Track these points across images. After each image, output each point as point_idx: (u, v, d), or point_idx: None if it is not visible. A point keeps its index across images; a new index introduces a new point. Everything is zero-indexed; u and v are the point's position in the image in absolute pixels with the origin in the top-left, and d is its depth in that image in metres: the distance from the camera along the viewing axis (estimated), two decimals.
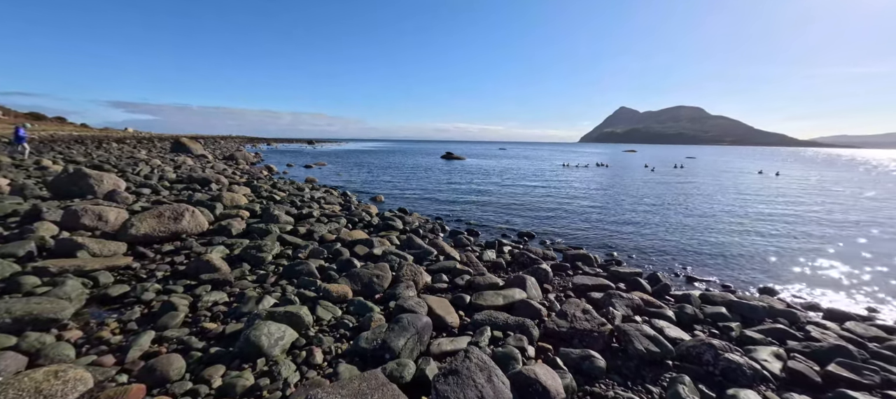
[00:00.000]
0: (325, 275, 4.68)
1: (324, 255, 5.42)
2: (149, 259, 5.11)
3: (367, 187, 15.78)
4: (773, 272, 6.17)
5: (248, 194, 10.49)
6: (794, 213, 11.35)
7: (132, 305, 3.70)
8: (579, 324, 3.55)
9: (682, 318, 4.06)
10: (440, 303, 3.94)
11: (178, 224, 6.00)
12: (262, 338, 2.83)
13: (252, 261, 5.07)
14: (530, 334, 3.44)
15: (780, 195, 15.59)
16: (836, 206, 13.00)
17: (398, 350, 2.87)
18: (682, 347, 3.30)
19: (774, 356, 3.31)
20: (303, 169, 23.23)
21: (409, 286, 4.29)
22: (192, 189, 10.95)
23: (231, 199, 8.85)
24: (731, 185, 19.03)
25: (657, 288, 5.00)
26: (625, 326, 3.47)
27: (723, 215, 10.86)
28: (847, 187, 19.11)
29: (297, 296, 3.92)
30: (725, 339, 3.72)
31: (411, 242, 6.16)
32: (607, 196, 14.58)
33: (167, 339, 3.08)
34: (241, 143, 62.70)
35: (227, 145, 49.20)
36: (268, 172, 18.76)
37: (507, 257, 6.15)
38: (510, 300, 4.13)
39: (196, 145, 28.66)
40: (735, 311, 4.26)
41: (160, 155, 22.92)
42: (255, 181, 13.67)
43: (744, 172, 28.33)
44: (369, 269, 4.58)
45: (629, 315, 4.04)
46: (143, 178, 12.24)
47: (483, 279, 4.67)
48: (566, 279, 5.30)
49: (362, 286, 4.26)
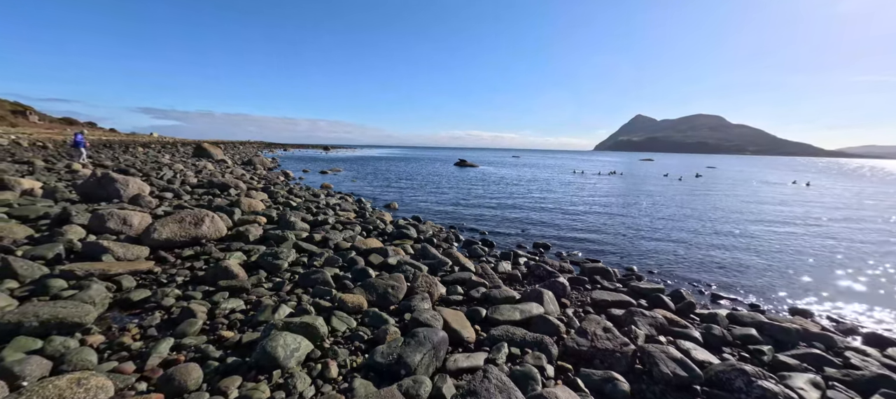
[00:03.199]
0: (340, 284, 4.68)
1: (339, 264, 5.42)
2: (170, 264, 5.22)
3: (382, 194, 15.87)
4: (806, 292, 5.86)
5: (265, 200, 10.66)
6: (825, 228, 10.84)
7: (152, 311, 3.76)
8: (600, 343, 3.42)
9: (709, 340, 3.88)
10: (456, 316, 3.86)
11: (198, 229, 6.12)
12: (278, 349, 2.81)
13: (268, 268, 5.11)
14: (549, 353, 3.33)
15: (809, 208, 14.93)
16: (870, 221, 12.36)
17: (414, 366, 2.81)
18: (710, 372, 3.13)
19: (812, 385, 3.11)
20: (318, 175, 23.57)
21: (424, 298, 4.23)
22: (212, 194, 11.21)
23: (249, 204, 9.01)
24: (754, 196, 18.36)
25: (681, 306, 4.80)
26: (649, 347, 3.33)
27: (748, 228, 10.45)
28: (882, 200, 18.19)
29: (312, 305, 3.92)
30: (757, 363, 3.53)
31: (426, 252, 6.12)
32: (624, 206, 14.26)
33: (185, 347, 3.10)
34: (258, 148, 64.30)
35: (245, 150, 50.50)
36: (284, 178, 19.09)
37: (523, 269, 6.03)
38: (527, 315, 4.03)
39: (216, 150, 29.48)
40: (766, 334, 4.04)
41: (183, 159, 23.64)
42: (272, 187, 13.91)
43: (768, 183, 27.34)
44: (384, 279, 4.55)
45: (653, 335, 3.88)
46: (166, 183, 12.63)
47: (499, 292, 4.57)
48: (584, 294, 5.16)
49: (377, 297, 4.23)
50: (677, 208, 14.11)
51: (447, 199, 14.82)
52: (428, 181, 22.24)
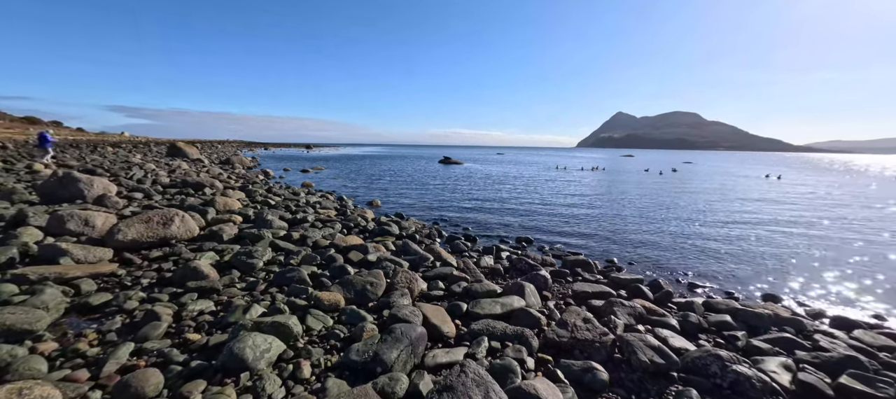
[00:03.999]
0: (317, 282, 4.53)
1: (317, 262, 5.26)
2: (135, 265, 4.95)
3: (364, 192, 15.63)
4: (776, 278, 6.06)
5: (243, 199, 10.33)
6: (794, 218, 11.28)
7: (113, 315, 3.54)
8: (580, 334, 3.41)
9: (685, 327, 3.93)
10: (436, 311, 3.79)
11: (167, 229, 5.84)
12: (247, 350, 2.68)
13: (242, 267, 4.91)
14: (529, 345, 3.30)
15: (780, 200, 15.54)
16: (836, 211, 12.95)
17: (390, 363, 2.72)
18: (687, 358, 3.16)
19: (783, 367, 3.18)
20: (299, 173, 23.05)
21: (403, 294, 4.14)
22: (186, 194, 10.78)
23: (224, 203, 8.69)
24: (729, 189, 18.99)
25: (659, 295, 4.87)
26: (628, 336, 3.34)
27: (722, 220, 10.77)
28: (847, 192, 19.11)
29: (286, 304, 3.77)
30: (732, 349, 3.59)
31: (407, 248, 6.02)
32: (605, 201, 14.49)
33: (147, 351, 2.92)
34: (238, 148, 62.50)
35: (224, 150, 48.98)
36: (264, 177, 18.58)
37: (505, 263, 6.01)
38: (508, 308, 3.99)
39: (192, 149, 28.45)
40: (740, 320, 4.13)
41: (155, 159, 22.71)
42: (250, 186, 13.50)
43: (741, 176, 28.38)
44: (363, 276, 4.44)
45: (631, 324, 3.91)
46: (135, 183, 12.07)
47: (480, 286, 4.53)
48: (566, 286, 5.17)
49: (355, 294, 4.11)
50: (657, 202, 14.44)
51: (431, 196, 14.73)
52: (412, 179, 22.07)
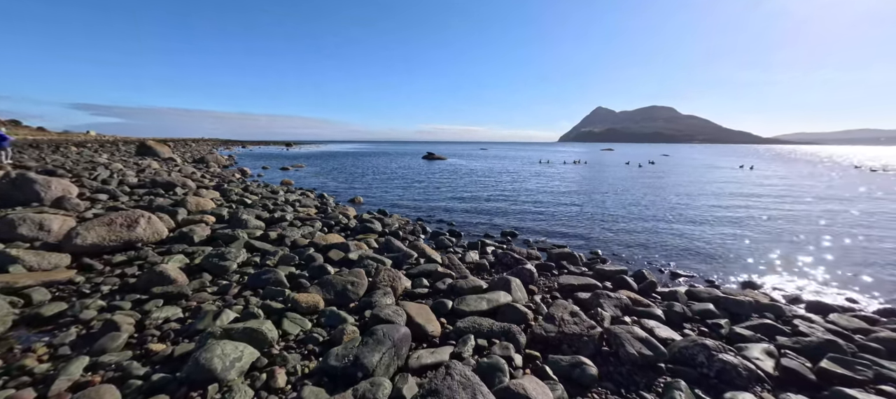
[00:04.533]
0: (295, 283, 4.31)
1: (295, 262, 5.03)
2: (96, 272, 4.60)
3: (346, 189, 15.29)
4: (754, 266, 6.20)
5: (217, 198, 9.89)
6: (767, 207, 11.67)
7: (68, 326, 3.24)
8: (568, 328, 3.34)
9: (671, 317, 3.94)
10: (420, 310, 3.65)
11: (132, 232, 5.47)
12: (215, 360, 2.47)
13: (214, 270, 4.64)
14: (517, 341, 3.21)
15: (753, 190, 16.09)
16: (805, 199, 13.49)
17: (372, 367, 2.57)
18: (674, 349, 3.14)
19: (766, 354, 3.20)
20: (279, 171, 22.40)
21: (386, 293, 3.98)
22: (155, 194, 10.23)
23: (196, 203, 8.28)
24: (705, 181, 19.57)
25: (643, 285, 4.88)
26: (615, 329, 3.29)
27: (700, 210, 11.04)
28: (814, 181, 19.99)
29: (261, 308, 3.55)
30: (715, 337, 3.61)
31: (390, 245, 5.84)
32: (588, 193, 14.65)
33: (103, 365, 2.67)
34: (214, 146, 60.35)
35: (198, 148, 47.18)
36: (241, 175, 17.94)
37: (491, 258, 5.93)
38: (495, 304, 3.90)
39: (164, 148, 27.22)
40: (722, 308, 4.17)
41: (123, 159, 21.59)
42: (226, 185, 12.97)
43: (716, 168, 29.35)
44: (343, 275, 4.25)
45: (618, 316, 3.88)
46: (100, 183, 11.38)
47: (466, 282, 4.41)
48: (552, 279, 5.12)
49: (335, 295, 3.93)
50: (637, 194, 14.70)
51: (415, 192, 14.54)
52: (395, 175, 21.78)
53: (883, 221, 9.59)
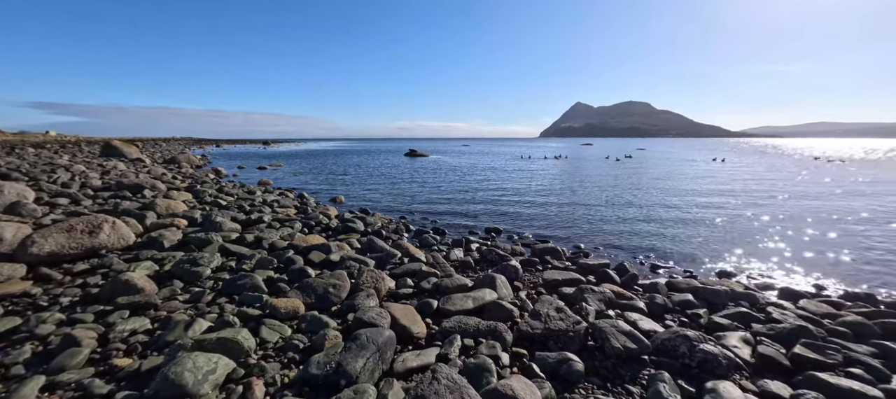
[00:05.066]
0: (273, 288, 4.15)
1: (273, 265, 4.84)
2: (55, 282, 4.29)
3: (327, 188, 14.96)
4: (728, 255, 6.42)
5: (189, 200, 9.47)
6: (739, 198, 12.15)
7: (22, 343, 2.99)
8: (553, 324, 3.34)
9: (652, 309, 4.00)
10: (405, 311, 3.58)
11: (94, 238, 5.14)
12: (186, 374, 2.32)
13: (186, 277, 4.40)
14: (503, 340, 3.18)
15: (726, 181, 16.75)
16: (774, 189, 14.13)
17: (356, 374, 2.48)
18: (657, 341, 3.19)
19: (743, 341, 3.30)
20: (256, 171, 21.71)
21: (369, 295, 3.88)
22: (122, 197, 9.69)
23: (166, 206, 7.89)
24: (680, 174, 20.24)
25: (625, 278, 4.96)
26: (600, 323, 3.31)
27: (677, 200, 11.38)
28: (782, 173, 20.99)
29: (237, 316, 3.39)
30: (695, 326, 3.69)
31: (372, 245, 5.72)
32: (570, 188, 14.87)
33: (62, 384, 2.47)
34: (186, 145, 57.97)
35: (169, 148, 45.19)
36: (215, 176, 17.27)
37: (476, 255, 5.90)
38: (480, 302, 3.86)
39: (131, 148, 25.88)
40: (701, 298, 4.28)
41: (86, 160, 20.41)
42: (199, 186, 12.44)
43: (690, 161, 30.43)
44: (325, 278, 4.11)
45: (602, 310, 3.91)
46: (60, 187, 10.69)
47: (451, 281, 4.36)
48: (536, 275, 5.14)
49: (316, 298, 3.80)
50: (617, 187, 15.03)
51: (397, 190, 14.37)
52: (377, 173, 21.50)
53: (843, 210, 10.15)
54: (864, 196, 12.51)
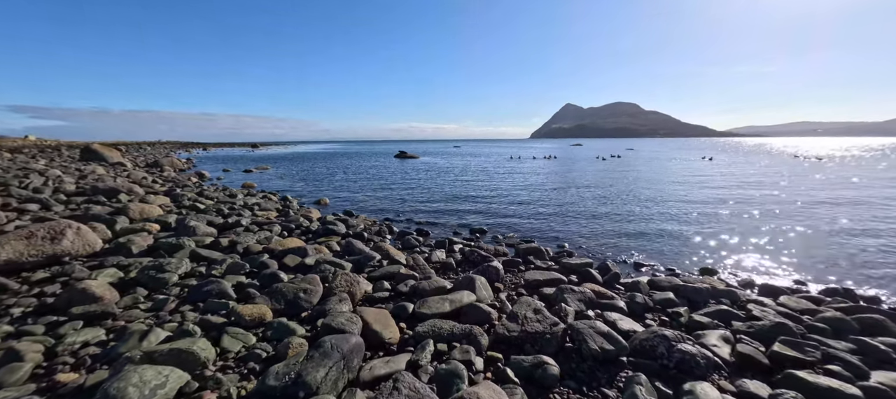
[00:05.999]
0: (243, 294, 3.97)
1: (245, 270, 4.66)
2: (10, 292, 4.05)
3: (313, 191, 14.71)
4: (711, 253, 6.42)
5: (166, 204, 9.19)
6: (724, 197, 12.27)
7: None
8: (531, 326, 3.24)
9: (633, 308, 3.93)
10: (379, 315, 3.44)
11: (56, 245, 4.89)
12: (130, 390, 2.15)
13: (151, 284, 4.20)
14: (478, 344, 3.07)
15: (711, 180, 16.93)
16: (758, 188, 14.32)
17: (316, 384, 2.34)
18: (635, 341, 3.10)
19: (723, 340, 3.24)
20: (242, 174, 21.31)
21: (342, 299, 3.73)
22: (96, 202, 9.35)
23: (140, 211, 7.62)
24: (668, 172, 20.43)
25: (607, 277, 4.89)
26: (578, 324, 3.22)
27: (661, 200, 11.43)
28: (766, 171, 21.33)
29: (198, 324, 3.21)
30: (676, 325, 3.63)
31: (351, 248, 5.57)
32: (557, 187, 14.87)
33: None
34: (171, 149, 56.83)
35: (154, 152, 44.24)
36: (198, 179, 16.88)
37: (458, 257, 5.79)
38: (458, 305, 3.74)
39: (113, 152, 25.22)
40: (682, 296, 4.22)
41: (64, 164, 19.79)
42: (179, 189, 12.10)
43: (678, 160, 30.81)
44: (296, 283, 3.95)
45: (582, 310, 3.83)
46: (31, 192, 10.28)
47: (429, 284, 4.23)
48: (518, 275, 5.04)
49: (285, 304, 3.64)
50: (605, 186, 15.08)
51: (385, 192, 14.20)
52: (366, 175, 21.28)
53: (823, 207, 10.29)
54: (842, 193, 12.73)
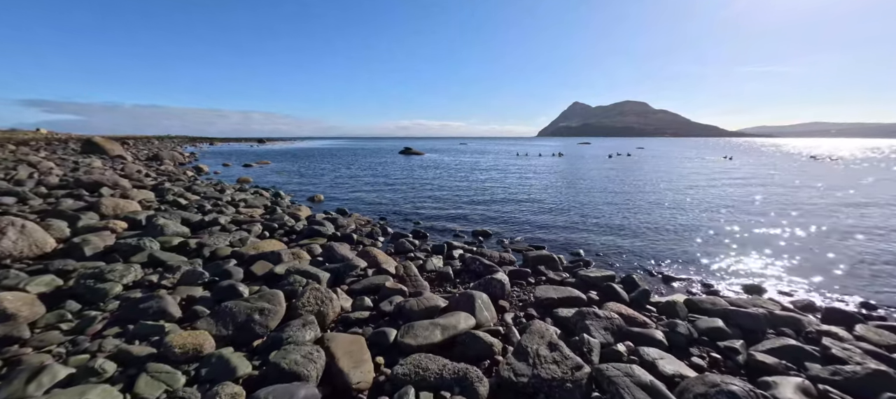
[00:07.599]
0: (188, 313, 3.25)
1: (202, 280, 3.94)
2: None
3: (309, 186, 14.04)
4: (750, 262, 5.54)
5: (149, 199, 8.57)
6: (751, 198, 11.28)
7: None
8: (545, 369, 2.46)
9: (674, 340, 3.12)
10: (351, 346, 2.69)
11: None
12: None
13: (87, 295, 3.51)
14: (475, 394, 2.30)
15: (734, 181, 15.87)
16: (786, 191, 13.27)
17: None
18: (687, 395, 2.31)
19: (802, 392, 2.43)
20: (241, 168, 20.78)
21: (307, 323, 2.98)
22: (76, 195, 8.77)
23: (114, 206, 7.00)
24: (685, 171, 19.36)
25: (635, 295, 4.07)
26: (609, 372, 2.42)
27: (684, 202, 10.50)
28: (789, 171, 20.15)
29: (116, 357, 2.50)
30: (732, 366, 2.83)
31: (332, 254, 4.83)
32: (567, 187, 13.98)
33: None
34: (179, 143, 56.95)
35: (162, 146, 44.15)
36: (195, 173, 16.34)
37: (457, 265, 5.02)
38: (452, 333, 2.98)
39: (114, 146, 24.88)
40: (733, 324, 3.39)
41: (61, 157, 19.43)
42: (167, 183, 11.51)
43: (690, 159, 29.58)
44: (252, 301, 3.22)
45: (609, 342, 3.03)
46: (11, 185, 9.75)
47: (418, 302, 3.48)
48: (527, 290, 4.25)
49: (235, 329, 2.91)
50: (618, 186, 14.15)
51: (384, 189, 13.46)
52: (367, 170, 20.58)
53: (871, 212, 9.29)
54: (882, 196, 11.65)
